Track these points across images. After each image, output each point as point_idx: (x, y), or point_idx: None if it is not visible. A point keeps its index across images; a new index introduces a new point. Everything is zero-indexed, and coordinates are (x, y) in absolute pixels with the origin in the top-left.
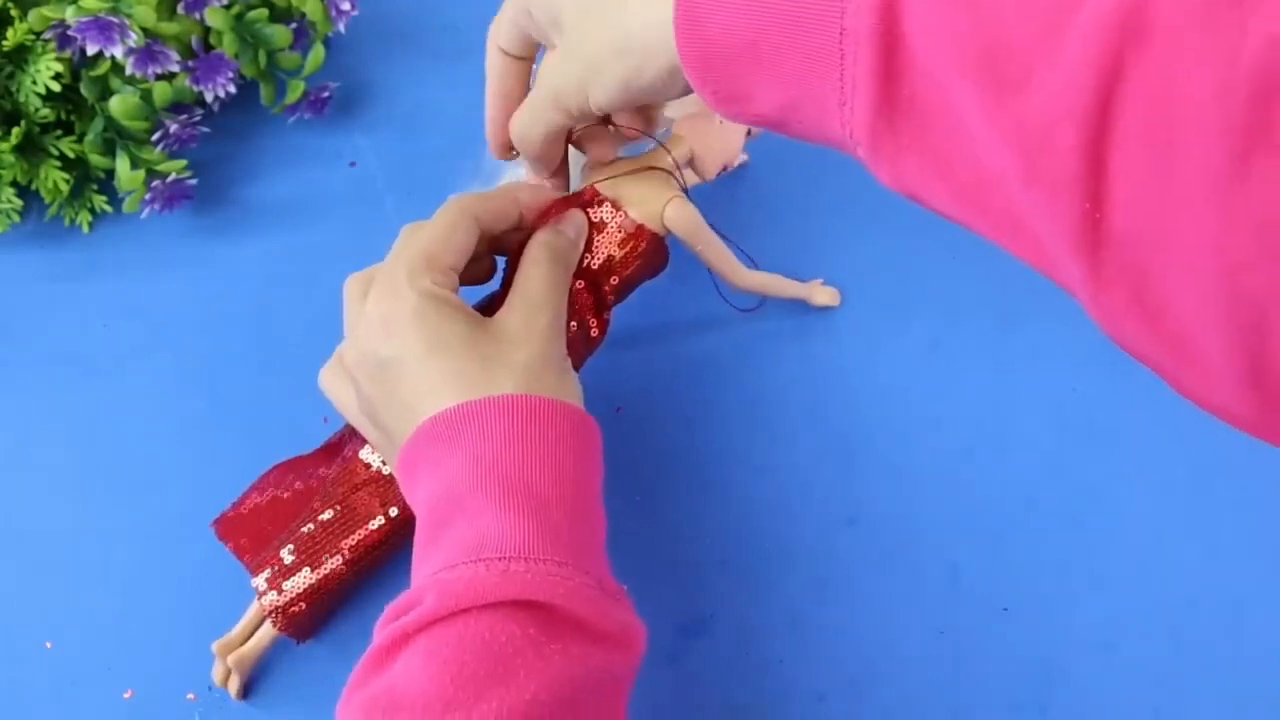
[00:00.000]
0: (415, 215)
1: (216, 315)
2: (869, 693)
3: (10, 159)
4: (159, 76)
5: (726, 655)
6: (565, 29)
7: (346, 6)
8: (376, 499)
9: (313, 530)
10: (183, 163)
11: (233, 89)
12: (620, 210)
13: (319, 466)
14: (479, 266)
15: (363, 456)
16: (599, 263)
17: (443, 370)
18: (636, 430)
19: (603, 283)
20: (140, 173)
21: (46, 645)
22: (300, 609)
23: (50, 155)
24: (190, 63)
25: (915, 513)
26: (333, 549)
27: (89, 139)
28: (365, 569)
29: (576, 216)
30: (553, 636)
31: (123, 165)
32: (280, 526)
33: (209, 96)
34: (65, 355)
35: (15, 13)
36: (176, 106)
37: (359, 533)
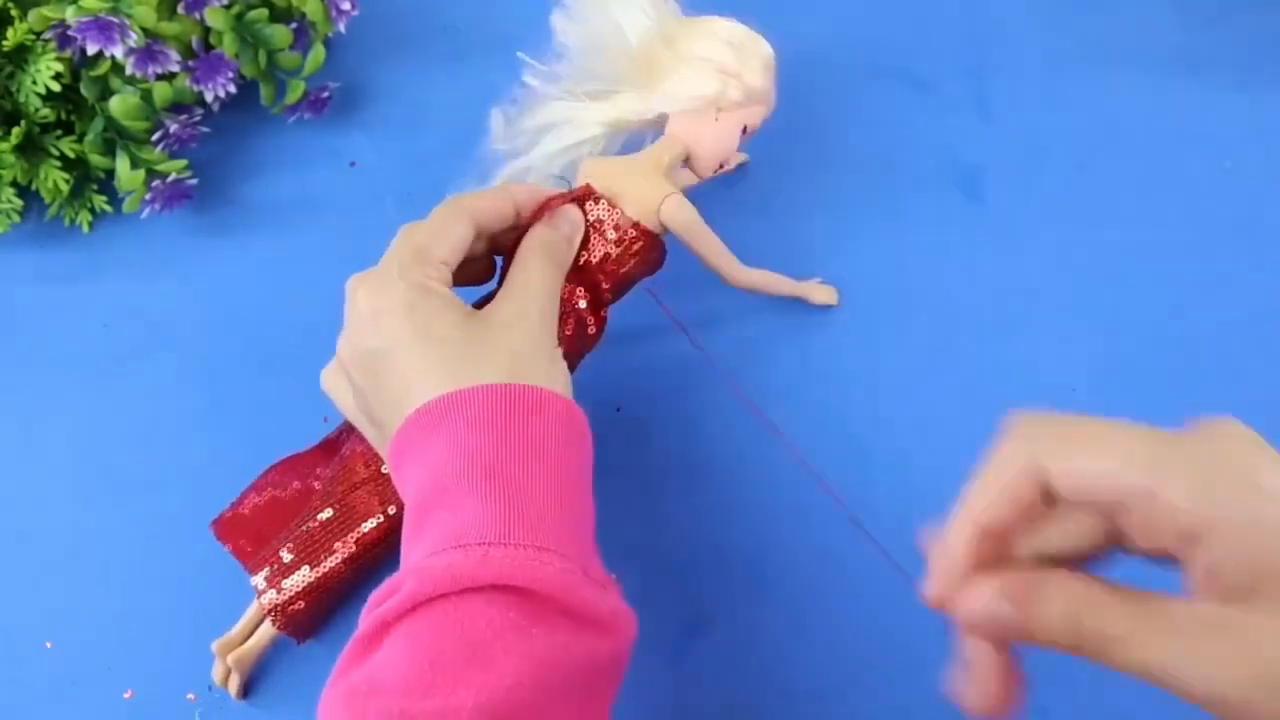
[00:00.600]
0: (415, 215)
1: (216, 315)
2: (869, 693)
3: (10, 159)
4: (159, 76)
5: (726, 655)
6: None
7: (346, 6)
8: (375, 497)
9: (312, 529)
10: (183, 163)
11: (233, 89)
12: (616, 208)
13: (317, 465)
14: (478, 266)
15: (361, 455)
16: (596, 260)
17: (430, 360)
18: (636, 430)
19: (600, 280)
20: (140, 173)
21: (46, 645)
22: (299, 607)
23: (50, 155)
24: (190, 63)
25: (915, 513)
26: (331, 547)
27: (89, 139)
28: (364, 567)
29: (571, 213)
30: (534, 621)
31: (123, 165)
32: (279, 526)
33: (209, 96)
34: (65, 355)
35: (15, 13)
36: (176, 106)
37: (358, 531)
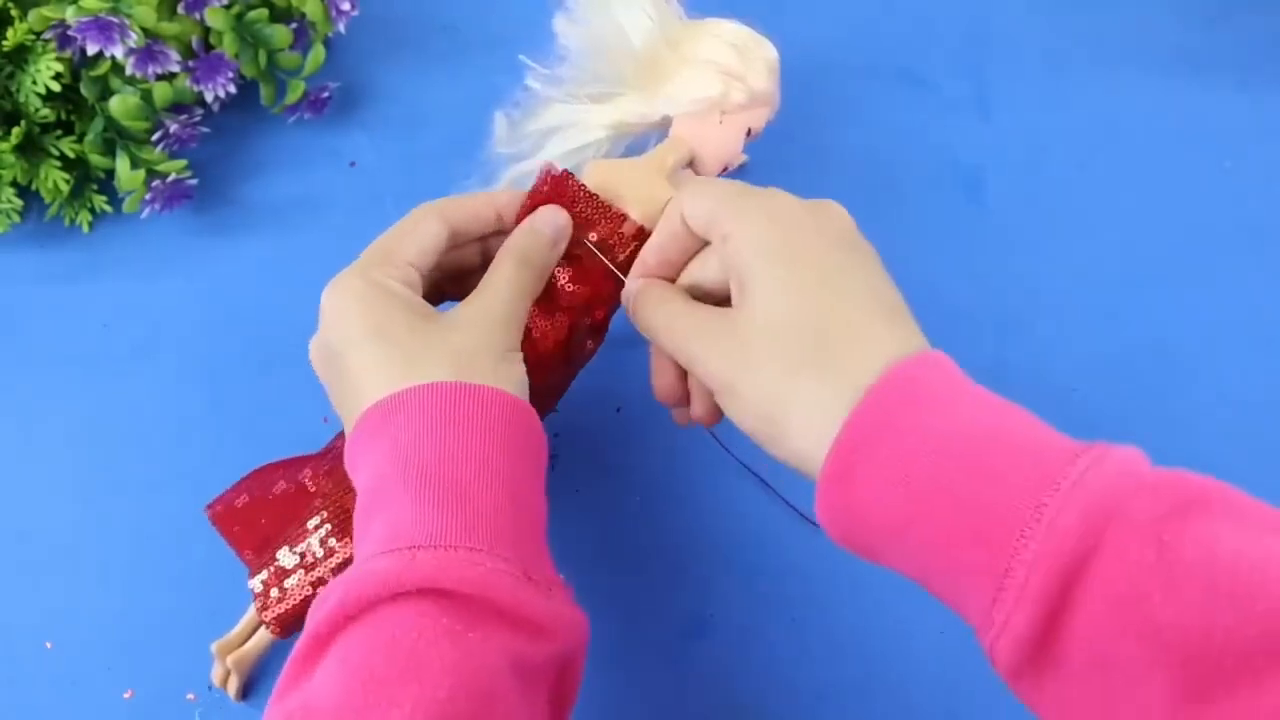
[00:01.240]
0: None
1: (216, 315)
2: (868, 693)
3: (10, 159)
4: (159, 76)
5: (726, 655)
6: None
7: (346, 6)
8: None
9: (306, 533)
10: (183, 163)
11: (233, 89)
12: (623, 218)
13: (305, 465)
14: (475, 278)
15: None
16: (599, 272)
17: (379, 359)
18: (636, 430)
19: (603, 288)
20: (140, 173)
21: (46, 645)
22: (295, 612)
23: (50, 155)
24: (190, 63)
25: None
26: (327, 551)
27: (89, 139)
28: None
29: (557, 215)
30: (470, 625)
31: (123, 165)
32: (273, 520)
33: (209, 96)
34: (65, 355)
35: (15, 13)
36: (176, 106)
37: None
